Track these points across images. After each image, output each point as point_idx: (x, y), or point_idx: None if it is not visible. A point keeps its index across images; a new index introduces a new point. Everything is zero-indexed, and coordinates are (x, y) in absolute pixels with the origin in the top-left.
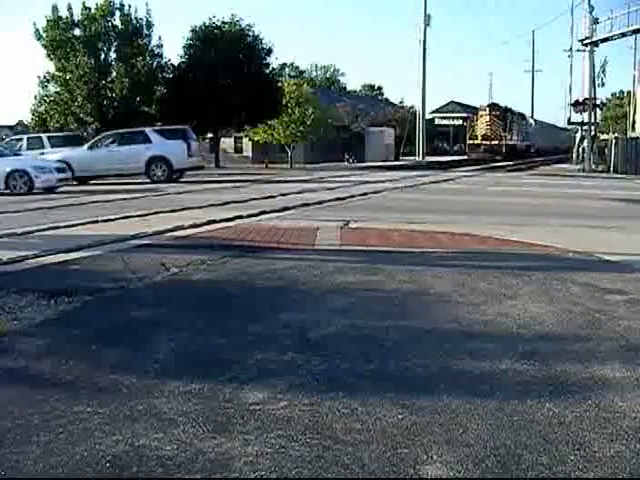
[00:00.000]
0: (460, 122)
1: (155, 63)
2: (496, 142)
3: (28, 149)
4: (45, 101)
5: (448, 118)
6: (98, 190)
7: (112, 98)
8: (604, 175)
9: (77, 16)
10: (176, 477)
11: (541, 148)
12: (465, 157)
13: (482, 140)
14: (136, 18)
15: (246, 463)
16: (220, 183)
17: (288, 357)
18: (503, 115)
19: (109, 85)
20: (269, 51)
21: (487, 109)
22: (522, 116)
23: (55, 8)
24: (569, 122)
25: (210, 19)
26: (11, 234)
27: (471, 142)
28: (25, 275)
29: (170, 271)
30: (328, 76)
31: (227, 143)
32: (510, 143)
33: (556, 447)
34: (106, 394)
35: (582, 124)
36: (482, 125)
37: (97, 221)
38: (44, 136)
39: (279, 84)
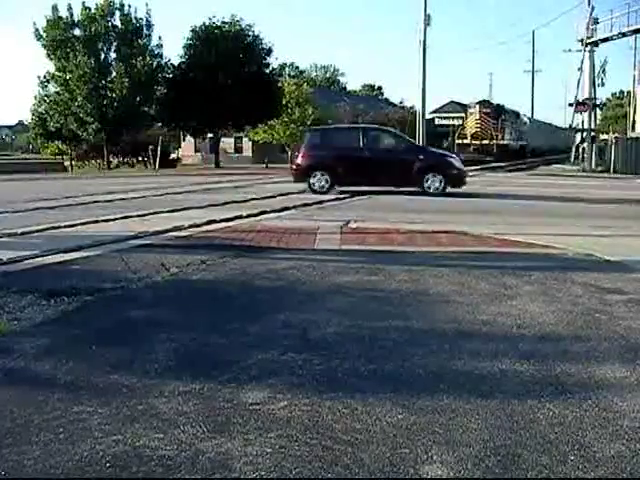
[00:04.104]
0: (460, 122)
1: (155, 63)
2: (486, 141)
3: None
4: (45, 101)
5: (448, 118)
6: (97, 191)
7: (112, 98)
8: (604, 175)
9: (77, 16)
10: (176, 477)
11: (538, 148)
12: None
13: (472, 140)
14: (136, 18)
15: (246, 463)
16: (220, 183)
17: (288, 357)
18: (495, 113)
19: (109, 85)
20: (269, 51)
21: (477, 106)
22: (516, 114)
23: (55, 8)
24: (570, 127)
25: (210, 19)
26: (11, 234)
27: (460, 142)
28: (25, 275)
29: (170, 271)
30: (328, 76)
31: (227, 143)
32: (502, 143)
33: (556, 447)
34: (106, 394)
35: (583, 130)
36: (472, 124)
37: (97, 221)
38: None
39: (279, 84)
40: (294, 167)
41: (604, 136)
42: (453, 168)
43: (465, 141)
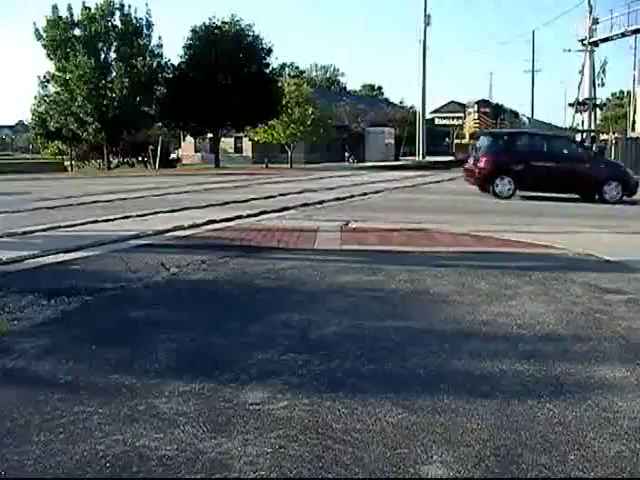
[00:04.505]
0: (460, 122)
1: (155, 63)
2: None
3: None
4: (45, 101)
5: (448, 118)
6: (97, 191)
7: (112, 98)
8: None
9: (77, 16)
10: (176, 477)
11: None
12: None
13: (470, 139)
14: (136, 18)
15: (246, 463)
16: (220, 183)
17: (288, 357)
18: (493, 113)
19: (109, 85)
20: (269, 51)
21: (475, 106)
22: (515, 114)
23: (55, 8)
24: (571, 127)
25: (210, 19)
26: (11, 234)
27: (458, 141)
28: (25, 275)
29: (170, 271)
30: (328, 76)
31: (227, 143)
32: None
33: (556, 447)
34: (106, 394)
35: (583, 130)
36: (470, 123)
37: (97, 221)
38: None
39: (279, 84)
40: (477, 171)
41: (604, 136)
42: (630, 178)
43: (464, 141)
